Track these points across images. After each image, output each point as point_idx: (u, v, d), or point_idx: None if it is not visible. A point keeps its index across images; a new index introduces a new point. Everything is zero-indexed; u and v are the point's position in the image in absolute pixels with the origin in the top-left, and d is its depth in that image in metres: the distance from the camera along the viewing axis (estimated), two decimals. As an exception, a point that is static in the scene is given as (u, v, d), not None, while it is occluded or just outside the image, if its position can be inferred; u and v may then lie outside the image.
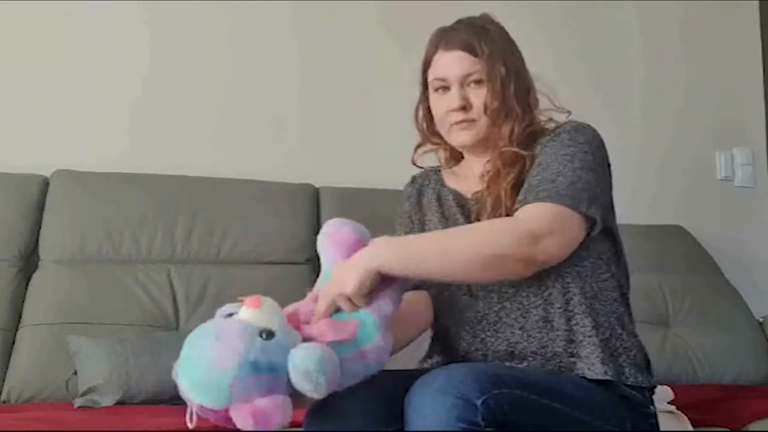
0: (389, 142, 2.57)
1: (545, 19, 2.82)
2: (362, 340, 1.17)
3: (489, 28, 1.44)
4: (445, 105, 1.44)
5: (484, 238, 1.28)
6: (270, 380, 1.05)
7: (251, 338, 1.06)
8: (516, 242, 1.25)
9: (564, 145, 1.37)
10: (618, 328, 1.38)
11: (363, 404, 1.23)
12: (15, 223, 2.19)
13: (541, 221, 1.28)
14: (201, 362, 1.05)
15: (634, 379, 1.34)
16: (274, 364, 1.05)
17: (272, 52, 2.61)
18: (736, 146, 3.03)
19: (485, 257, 1.26)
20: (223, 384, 1.03)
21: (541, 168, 1.35)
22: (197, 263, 2.25)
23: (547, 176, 1.33)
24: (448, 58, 1.43)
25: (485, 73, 1.41)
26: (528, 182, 1.35)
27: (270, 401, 1.04)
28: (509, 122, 1.41)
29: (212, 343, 1.06)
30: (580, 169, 1.33)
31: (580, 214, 1.31)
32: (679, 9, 3.03)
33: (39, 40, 2.41)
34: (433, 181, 1.56)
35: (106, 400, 1.81)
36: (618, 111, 2.87)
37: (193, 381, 1.06)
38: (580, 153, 1.35)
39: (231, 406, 1.04)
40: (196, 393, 1.06)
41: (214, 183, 2.39)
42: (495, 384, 1.15)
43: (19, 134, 2.36)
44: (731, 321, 2.55)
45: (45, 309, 2.07)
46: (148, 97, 2.48)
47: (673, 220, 2.80)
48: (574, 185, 1.31)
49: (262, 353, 1.05)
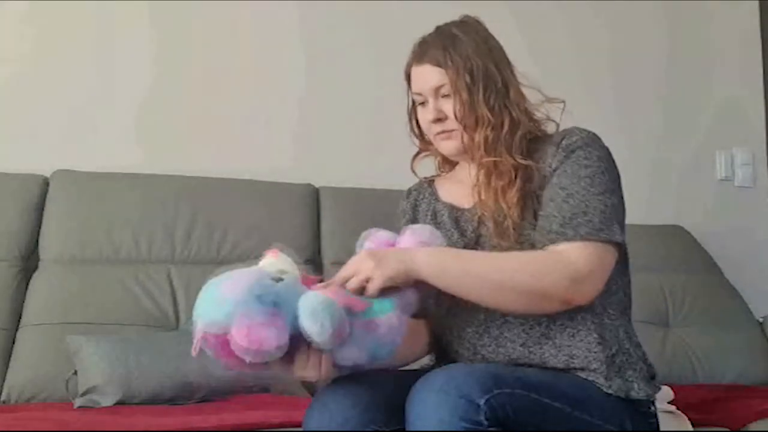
0: (389, 142, 2.57)
1: (545, 19, 2.83)
2: (374, 311, 1.20)
3: (458, 36, 1.43)
4: (425, 118, 1.46)
5: (533, 271, 1.28)
6: (272, 313, 1.11)
7: (261, 278, 1.15)
8: (564, 284, 1.28)
9: (581, 165, 1.35)
10: (625, 342, 1.38)
11: (363, 404, 1.23)
12: (15, 223, 2.19)
13: (588, 263, 1.29)
14: (212, 292, 1.14)
15: (644, 393, 1.34)
16: (279, 302, 1.12)
17: (272, 53, 2.61)
18: (736, 146, 3.03)
19: (529, 292, 1.28)
20: (227, 307, 1.10)
21: (566, 194, 1.34)
22: (197, 263, 2.25)
23: (578, 206, 1.32)
24: (420, 72, 1.44)
25: (452, 83, 1.40)
26: (558, 211, 1.33)
27: (267, 328, 1.10)
28: (481, 130, 1.39)
29: (225, 280, 1.15)
30: (603, 194, 1.34)
31: (614, 245, 1.33)
32: (679, 9, 3.03)
33: (39, 40, 2.41)
34: (427, 195, 1.55)
35: (106, 400, 1.81)
36: (618, 111, 2.87)
37: (202, 304, 1.14)
38: (599, 174, 1.35)
39: (232, 328, 1.10)
40: (203, 315, 1.13)
41: (214, 183, 2.39)
42: (497, 384, 1.15)
43: (19, 134, 2.36)
44: (731, 321, 2.55)
45: (45, 309, 2.06)
46: (149, 97, 2.48)
47: (673, 220, 2.80)
48: (605, 215, 1.32)
49: (268, 291, 1.13)
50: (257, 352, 1.09)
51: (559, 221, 1.32)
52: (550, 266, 1.29)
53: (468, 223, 1.44)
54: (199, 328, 1.13)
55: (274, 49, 2.61)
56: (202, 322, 1.13)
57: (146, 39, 2.50)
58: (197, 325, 1.14)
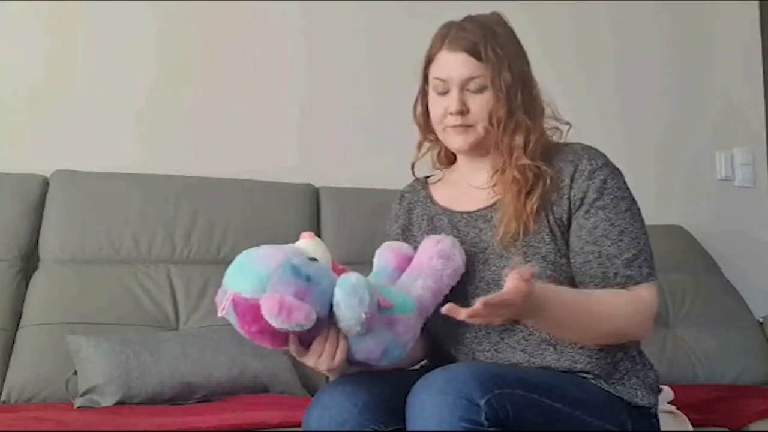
0: (389, 142, 2.57)
1: (544, 20, 2.82)
2: (397, 308, 1.22)
3: (498, 31, 1.39)
4: (442, 106, 1.40)
5: (627, 317, 1.32)
6: (305, 287, 1.14)
7: (297, 252, 1.19)
8: (648, 326, 1.36)
9: (619, 198, 1.37)
10: (632, 350, 1.39)
11: (363, 404, 1.23)
12: (15, 223, 2.19)
13: (657, 302, 1.36)
14: (248, 257, 1.18)
15: (647, 401, 1.35)
16: (312, 279, 1.16)
17: (273, 53, 2.61)
18: (736, 146, 3.03)
19: (620, 335, 1.34)
20: (263, 272, 1.14)
21: (618, 231, 1.34)
22: (197, 263, 2.25)
23: (634, 245, 1.34)
24: (452, 59, 1.38)
25: (489, 79, 1.36)
26: (618, 250, 1.33)
27: (298, 300, 1.12)
28: (521, 133, 1.37)
29: (262, 249, 1.19)
30: (641, 223, 1.38)
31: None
32: (678, 9, 3.03)
33: (39, 40, 2.41)
34: (422, 198, 1.51)
35: (106, 400, 1.81)
36: (618, 111, 2.87)
37: (236, 268, 1.17)
38: (631, 202, 1.39)
39: (264, 295, 1.12)
40: (236, 278, 1.16)
41: (214, 183, 2.39)
42: (497, 384, 1.15)
43: (19, 134, 2.36)
44: (731, 321, 2.55)
45: (45, 309, 2.06)
46: (149, 97, 2.48)
47: (673, 220, 2.80)
48: (648, 252, 1.36)
49: (304, 264, 1.17)
50: (285, 319, 1.11)
51: (623, 263, 1.34)
52: (638, 310, 1.33)
53: (469, 228, 1.42)
54: (231, 290, 1.15)
55: (275, 49, 2.61)
56: (235, 285, 1.15)
57: (147, 39, 2.50)
58: (228, 287, 1.16)
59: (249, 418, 1.62)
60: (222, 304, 1.15)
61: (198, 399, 1.89)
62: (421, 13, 2.65)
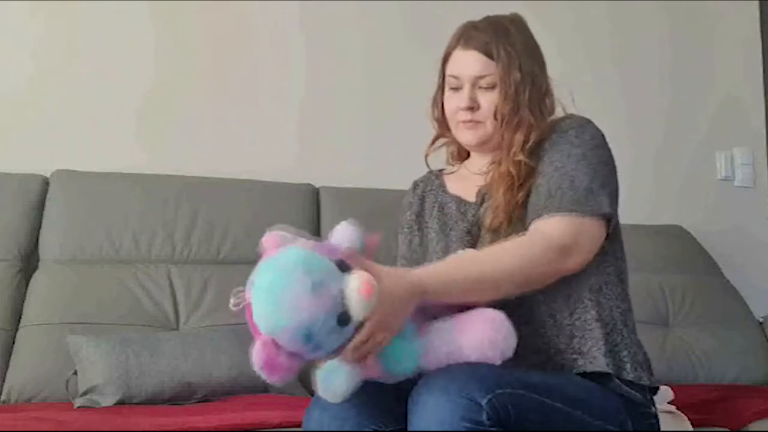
0: (389, 142, 2.58)
1: (544, 19, 2.81)
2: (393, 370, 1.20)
3: (511, 30, 1.43)
4: (455, 102, 1.44)
5: (522, 260, 1.28)
6: (307, 351, 1.10)
7: (335, 305, 1.08)
8: (548, 260, 1.28)
9: (573, 144, 1.37)
10: (620, 324, 1.38)
11: (362, 404, 1.23)
12: (15, 223, 2.19)
13: (568, 235, 1.30)
14: (284, 292, 1.08)
15: (634, 375, 1.33)
16: (322, 344, 1.10)
17: (273, 53, 2.61)
18: (736, 146, 3.03)
19: (525, 280, 1.28)
20: (283, 317, 1.07)
21: (554, 168, 1.35)
22: (197, 263, 2.26)
23: (565, 180, 1.33)
24: (464, 56, 1.43)
25: (499, 77, 1.40)
26: (546, 185, 1.34)
27: (285, 363, 1.09)
28: (523, 130, 1.40)
29: (301, 286, 1.09)
30: (594, 165, 1.35)
31: (601, 216, 1.33)
32: (679, 9, 3.03)
33: (39, 41, 2.41)
34: (435, 187, 1.55)
35: (106, 400, 1.81)
36: (618, 111, 2.87)
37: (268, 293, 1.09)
38: (591, 149, 1.37)
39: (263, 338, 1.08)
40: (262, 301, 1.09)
41: (214, 183, 2.39)
42: (498, 384, 1.15)
43: (19, 134, 2.36)
44: (731, 321, 2.55)
45: (45, 309, 2.07)
46: (149, 97, 2.48)
47: (673, 220, 2.80)
48: (592, 187, 1.33)
49: (324, 332, 1.08)
50: (264, 374, 1.09)
51: (544, 194, 1.34)
52: (535, 249, 1.29)
53: (473, 216, 1.45)
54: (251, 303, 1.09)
55: (275, 49, 2.61)
56: (257, 305, 1.09)
57: (147, 39, 2.50)
58: (251, 300, 1.10)
59: (249, 418, 1.62)
60: (238, 302, 1.11)
61: (198, 399, 1.89)
62: (422, 15, 2.65)
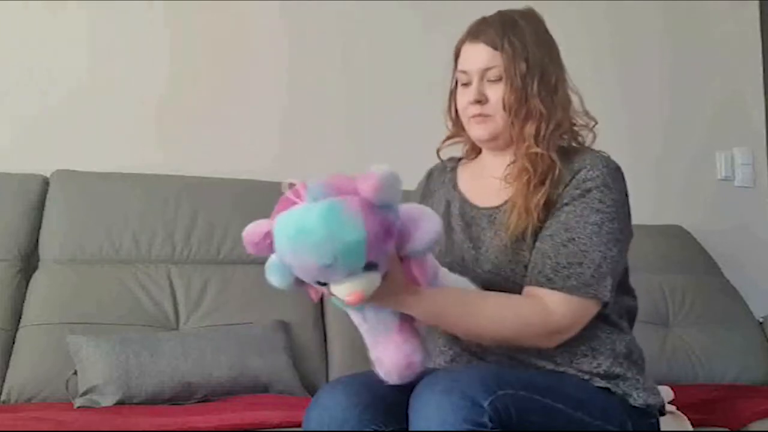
0: (389, 142, 2.58)
1: (549, 17, 2.82)
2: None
3: (519, 23, 1.41)
4: (465, 97, 1.43)
5: (514, 322, 1.28)
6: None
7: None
8: (536, 335, 1.29)
9: (593, 209, 1.32)
10: (620, 356, 1.37)
11: (363, 404, 1.23)
12: (15, 223, 2.19)
13: (568, 318, 1.29)
14: (343, 215, 1.18)
15: (642, 401, 1.34)
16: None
17: (274, 53, 2.61)
18: (736, 146, 3.03)
19: (500, 339, 1.30)
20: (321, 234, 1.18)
21: (568, 237, 1.31)
22: (197, 263, 2.25)
23: (575, 255, 1.30)
24: (472, 50, 1.42)
25: (504, 68, 1.38)
26: (554, 253, 1.30)
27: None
28: (533, 122, 1.37)
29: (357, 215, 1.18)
30: (606, 244, 1.31)
31: (600, 300, 1.31)
32: (678, 9, 3.03)
33: (39, 41, 2.41)
34: (447, 182, 1.53)
35: (106, 400, 1.81)
36: (618, 111, 2.87)
37: (331, 207, 1.18)
38: (608, 222, 1.32)
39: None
40: (317, 213, 1.18)
41: (214, 183, 2.39)
42: (500, 385, 1.15)
43: (19, 134, 2.36)
44: (731, 321, 2.55)
45: (45, 309, 2.06)
46: (149, 97, 2.48)
47: (673, 220, 2.80)
48: (600, 269, 1.29)
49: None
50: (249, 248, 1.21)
51: (551, 266, 1.30)
52: (532, 318, 1.28)
53: (474, 223, 1.43)
54: (303, 199, 1.18)
55: (275, 50, 2.61)
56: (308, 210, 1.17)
57: (147, 39, 2.50)
58: (305, 192, 1.18)
59: (249, 418, 1.62)
60: (292, 191, 1.19)
61: (198, 399, 1.89)
62: (418, 14, 2.65)
